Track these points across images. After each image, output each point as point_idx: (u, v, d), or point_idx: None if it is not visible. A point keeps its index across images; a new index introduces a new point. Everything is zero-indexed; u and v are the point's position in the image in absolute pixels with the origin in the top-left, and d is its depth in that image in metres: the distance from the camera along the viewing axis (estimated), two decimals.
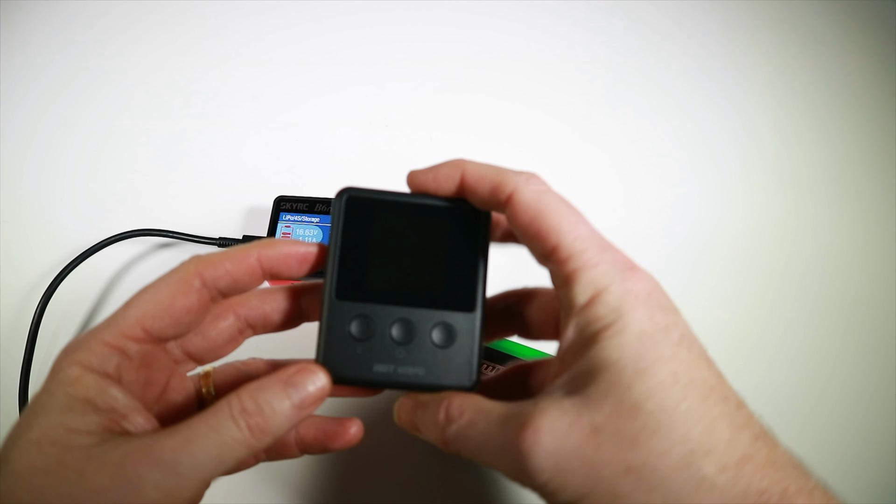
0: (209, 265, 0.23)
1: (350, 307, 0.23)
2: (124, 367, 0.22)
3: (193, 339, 0.25)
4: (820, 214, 0.46)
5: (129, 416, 0.22)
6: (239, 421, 0.21)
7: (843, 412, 0.39)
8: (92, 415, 0.21)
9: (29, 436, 0.20)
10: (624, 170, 0.47)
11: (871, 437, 0.38)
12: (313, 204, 0.40)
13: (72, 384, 0.21)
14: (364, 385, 0.23)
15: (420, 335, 0.23)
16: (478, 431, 0.21)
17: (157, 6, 0.55)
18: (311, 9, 0.55)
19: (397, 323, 0.23)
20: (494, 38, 0.54)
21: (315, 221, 0.40)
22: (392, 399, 0.25)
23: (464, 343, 0.23)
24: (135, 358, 0.23)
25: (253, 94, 0.50)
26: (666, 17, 0.55)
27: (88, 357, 0.22)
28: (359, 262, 0.23)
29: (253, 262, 0.24)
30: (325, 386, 0.23)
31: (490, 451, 0.21)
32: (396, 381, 0.23)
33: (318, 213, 0.40)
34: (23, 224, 0.44)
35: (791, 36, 0.55)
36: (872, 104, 0.51)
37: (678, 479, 0.19)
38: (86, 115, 0.49)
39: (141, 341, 0.22)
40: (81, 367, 0.21)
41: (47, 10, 0.55)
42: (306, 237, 0.39)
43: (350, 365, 0.22)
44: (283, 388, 0.22)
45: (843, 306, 0.42)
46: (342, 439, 0.26)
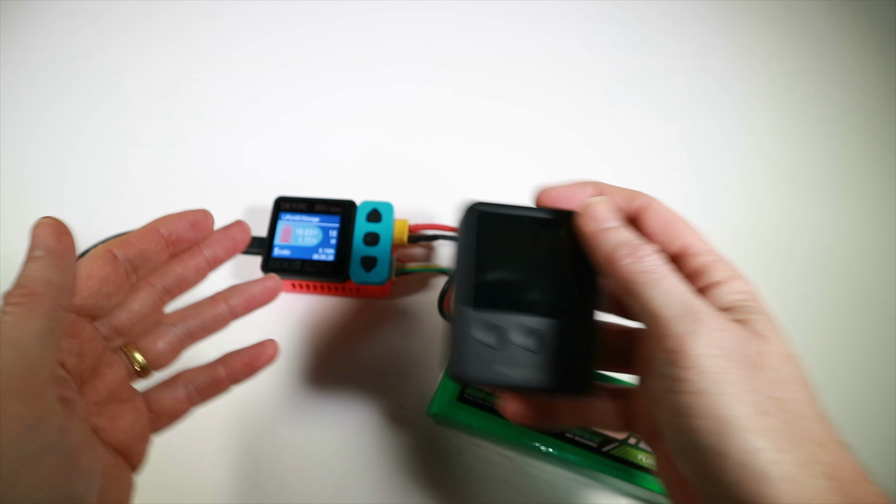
0: (118, 242, 0.27)
1: (480, 315, 0.25)
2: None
3: (119, 315, 0.27)
4: (820, 214, 0.46)
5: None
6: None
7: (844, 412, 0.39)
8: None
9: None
10: (623, 169, 0.47)
11: (872, 438, 0.38)
12: (313, 204, 0.40)
13: None
14: (488, 385, 0.27)
15: (542, 342, 0.25)
16: (664, 287, 0.23)
17: (156, 6, 0.55)
18: (311, 9, 0.55)
19: (522, 330, 0.25)
20: (494, 38, 0.54)
21: (315, 221, 0.40)
22: None
23: (578, 349, 0.25)
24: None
25: (253, 94, 0.50)
26: (666, 18, 0.55)
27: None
28: (488, 272, 0.25)
29: (155, 232, 0.28)
30: None
31: (666, 306, 0.22)
32: (517, 383, 0.24)
33: (318, 213, 0.40)
34: (23, 224, 0.44)
35: (791, 36, 0.55)
36: (873, 104, 0.51)
37: None
38: (86, 116, 0.49)
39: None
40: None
41: (47, 10, 0.55)
42: (306, 237, 0.39)
43: (479, 367, 0.24)
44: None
45: (844, 306, 0.42)
46: (263, 358, 0.30)
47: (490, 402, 0.34)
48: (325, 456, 0.37)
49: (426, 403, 0.37)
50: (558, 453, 0.33)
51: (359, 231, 0.39)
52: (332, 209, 0.40)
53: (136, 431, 0.27)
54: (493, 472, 0.36)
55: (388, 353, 0.39)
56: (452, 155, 0.48)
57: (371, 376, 0.39)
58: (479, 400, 0.34)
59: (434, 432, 0.37)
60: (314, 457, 0.37)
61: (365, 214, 0.40)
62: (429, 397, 0.37)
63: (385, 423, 0.37)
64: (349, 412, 0.38)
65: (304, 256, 0.38)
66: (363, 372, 0.39)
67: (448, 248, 0.43)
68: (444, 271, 0.41)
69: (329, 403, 0.38)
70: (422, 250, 0.43)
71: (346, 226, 0.39)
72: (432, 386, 0.37)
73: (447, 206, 0.45)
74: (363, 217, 0.40)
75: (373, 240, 0.39)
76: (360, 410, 0.38)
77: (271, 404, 0.38)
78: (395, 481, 0.36)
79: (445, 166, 0.47)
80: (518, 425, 0.27)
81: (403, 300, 0.41)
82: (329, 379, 0.39)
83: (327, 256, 0.38)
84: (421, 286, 0.42)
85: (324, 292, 0.40)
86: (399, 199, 0.44)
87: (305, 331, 0.40)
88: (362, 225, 0.39)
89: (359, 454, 0.37)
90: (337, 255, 0.38)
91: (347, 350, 0.40)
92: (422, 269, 0.41)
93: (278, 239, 0.39)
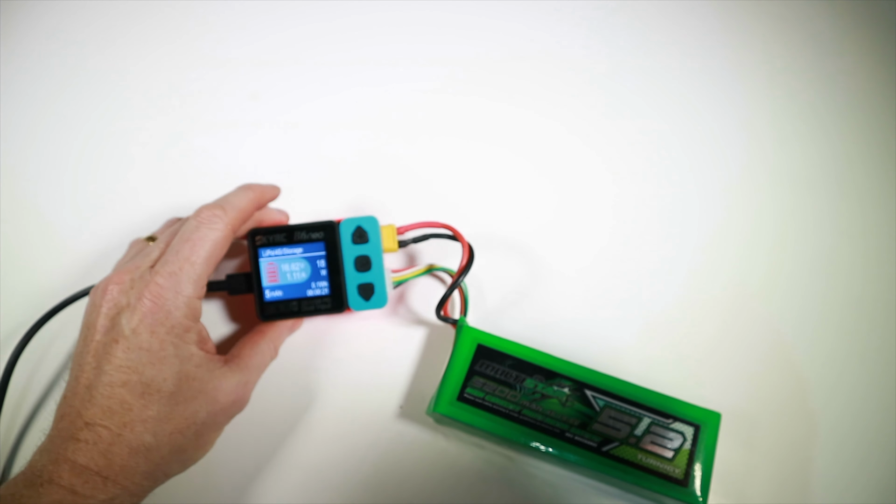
0: (239, 222, 0.34)
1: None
2: (199, 309, 0.33)
3: None
4: (821, 214, 0.46)
5: (207, 339, 0.34)
6: (270, 353, 0.36)
7: (845, 413, 0.39)
8: (203, 346, 0.33)
9: (171, 380, 0.30)
10: (623, 169, 0.47)
11: (874, 438, 0.38)
12: (291, 233, 0.36)
13: (187, 333, 0.31)
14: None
15: None
16: None
17: (156, 6, 0.55)
18: (311, 9, 0.55)
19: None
20: (494, 38, 0.54)
21: (298, 253, 0.36)
22: None
23: None
24: (201, 302, 0.33)
25: (252, 93, 0.50)
26: (666, 18, 0.55)
27: (188, 311, 0.31)
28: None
29: (253, 208, 0.36)
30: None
31: None
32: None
33: (299, 243, 0.36)
34: (23, 224, 0.44)
35: (792, 36, 0.55)
36: (873, 104, 0.51)
37: None
38: (86, 115, 0.49)
39: (204, 287, 0.33)
40: (188, 318, 0.31)
41: (47, 10, 0.55)
42: (294, 272, 0.36)
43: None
44: (288, 330, 0.38)
45: (845, 306, 0.42)
46: None
47: (490, 402, 0.34)
48: (325, 456, 0.36)
49: (426, 403, 0.37)
50: (558, 453, 0.33)
51: (347, 256, 0.36)
52: (314, 236, 0.36)
53: None
54: (493, 472, 0.36)
55: (388, 354, 0.39)
56: (452, 155, 0.48)
57: (370, 376, 0.39)
58: (479, 400, 0.34)
59: (434, 432, 0.37)
60: (314, 457, 0.37)
61: (350, 235, 0.36)
62: (429, 397, 0.37)
63: (385, 423, 0.37)
64: (349, 412, 0.38)
65: (298, 295, 0.36)
66: (363, 372, 0.39)
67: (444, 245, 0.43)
68: (443, 270, 0.41)
69: (329, 403, 0.38)
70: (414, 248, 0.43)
71: (333, 252, 0.36)
72: (432, 386, 0.37)
73: (447, 206, 0.45)
74: (348, 238, 0.36)
75: (364, 264, 0.36)
76: (360, 410, 0.38)
77: (272, 404, 0.38)
78: (394, 481, 0.36)
79: (445, 166, 0.47)
80: None
81: (403, 304, 0.41)
82: (329, 379, 0.39)
83: (322, 290, 0.36)
84: (419, 288, 0.42)
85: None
86: (398, 199, 0.44)
87: (306, 343, 0.40)
88: (350, 248, 0.36)
89: (358, 454, 0.37)
90: (331, 286, 0.36)
91: (348, 351, 0.40)
92: (418, 275, 0.41)
93: (266, 280, 0.36)
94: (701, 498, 0.32)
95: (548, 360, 0.35)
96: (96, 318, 0.31)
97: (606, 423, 0.33)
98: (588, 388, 0.34)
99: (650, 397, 0.34)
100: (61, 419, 0.29)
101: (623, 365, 0.38)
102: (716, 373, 0.39)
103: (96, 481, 0.28)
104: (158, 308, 0.30)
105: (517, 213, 0.45)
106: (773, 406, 0.38)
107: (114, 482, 0.28)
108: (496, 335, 0.36)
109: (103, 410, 0.29)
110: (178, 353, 0.31)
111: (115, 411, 0.29)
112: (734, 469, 0.36)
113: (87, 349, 0.30)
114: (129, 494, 0.29)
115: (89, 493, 0.27)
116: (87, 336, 0.31)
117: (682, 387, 0.36)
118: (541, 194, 0.46)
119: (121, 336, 0.30)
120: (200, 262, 0.32)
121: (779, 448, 0.37)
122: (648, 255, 0.44)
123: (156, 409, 0.29)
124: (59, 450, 0.28)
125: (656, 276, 0.43)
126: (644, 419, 0.34)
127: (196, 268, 0.32)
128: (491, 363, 0.35)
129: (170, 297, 0.31)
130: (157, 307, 0.30)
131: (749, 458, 0.36)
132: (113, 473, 0.28)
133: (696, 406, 0.34)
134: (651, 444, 0.33)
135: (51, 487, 0.27)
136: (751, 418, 0.37)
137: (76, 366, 0.31)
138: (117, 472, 0.28)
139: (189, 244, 0.32)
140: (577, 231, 0.44)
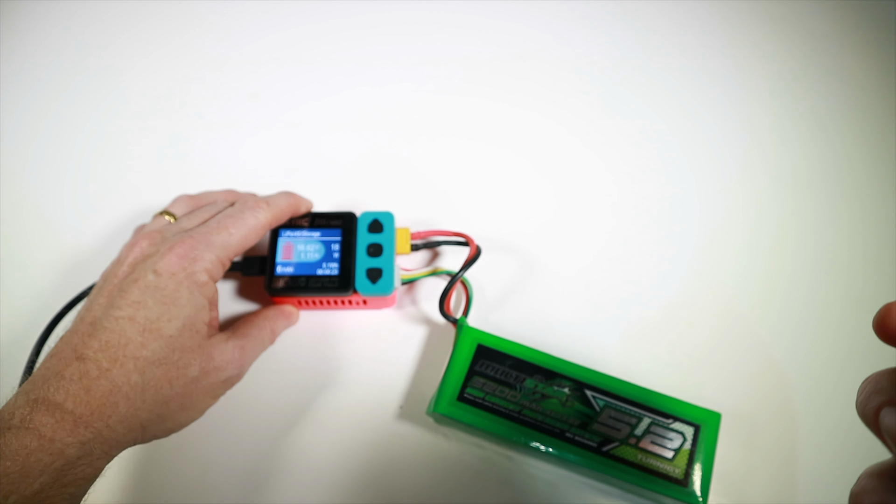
0: (276, 220, 0.37)
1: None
2: (219, 275, 0.33)
3: None
4: (821, 214, 0.46)
5: (216, 309, 0.34)
6: (268, 334, 0.37)
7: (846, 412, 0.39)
8: (211, 311, 0.33)
9: (176, 323, 0.30)
10: (623, 169, 0.47)
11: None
12: (312, 218, 0.39)
13: (203, 287, 0.32)
14: None
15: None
16: None
17: (156, 6, 0.55)
18: (311, 9, 0.55)
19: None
20: (494, 38, 0.54)
21: (316, 236, 0.39)
22: None
23: None
24: (223, 271, 0.34)
25: (252, 93, 0.50)
26: (666, 18, 0.55)
27: (211, 269, 0.32)
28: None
29: (291, 212, 0.38)
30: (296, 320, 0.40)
31: None
32: None
33: (318, 228, 0.39)
34: (23, 224, 0.44)
35: (792, 35, 0.55)
36: (873, 104, 0.51)
37: None
38: (86, 115, 0.49)
39: (230, 260, 0.34)
40: (208, 275, 0.32)
41: (47, 10, 0.55)
42: (308, 252, 0.38)
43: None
44: (285, 318, 0.39)
45: (845, 306, 0.42)
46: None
47: (490, 402, 0.34)
48: (325, 456, 0.36)
49: (426, 403, 0.37)
50: (558, 453, 0.33)
51: (361, 242, 0.39)
52: (333, 223, 0.39)
53: None
54: (493, 472, 0.36)
55: (388, 354, 0.39)
56: (452, 155, 0.48)
57: (371, 376, 0.39)
58: (479, 400, 0.34)
59: (434, 432, 0.37)
60: (314, 456, 0.37)
61: (366, 225, 0.39)
62: (429, 397, 0.37)
63: (385, 423, 0.37)
64: (348, 412, 0.38)
65: (308, 272, 0.38)
66: (363, 372, 0.39)
67: (450, 250, 0.43)
68: (449, 273, 0.41)
69: (329, 403, 0.38)
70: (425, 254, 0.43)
71: (348, 238, 0.39)
72: (432, 386, 0.37)
73: (447, 206, 0.45)
74: (364, 228, 0.39)
75: (376, 250, 0.38)
76: (360, 410, 0.38)
77: (272, 404, 0.38)
78: (394, 481, 0.36)
79: (445, 167, 0.47)
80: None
81: (404, 304, 0.41)
82: (329, 379, 0.39)
83: (332, 270, 0.38)
84: (423, 289, 0.42)
85: (330, 307, 0.40)
86: (398, 199, 0.44)
87: (307, 342, 0.40)
88: (364, 236, 0.39)
89: (358, 454, 0.37)
90: (341, 268, 0.38)
91: (348, 353, 0.40)
92: (427, 275, 0.41)
93: (280, 256, 0.38)
94: (701, 498, 0.32)
95: (548, 361, 0.35)
96: (118, 267, 0.31)
97: (606, 423, 0.33)
98: (588, 388, 0.34)
99: (650, 397, 0.34)
100: (51, 358, 0.28)
101: (623, 365, 0.38)
102: (716, 373, 0.39)
103: (67, 422, 0.26)
104: (185, 256, 0.31)
105: (517, 214, 0.45)
106: (773, 406, 0.38)
107: (86, 425, 0.26)
108: (496, 335, 0.36)
109: (101, 344, 0.28)
110: (191, 300, 0.31)
111: (111, 345, 0.28)
112: (734, 469, 0.36)
113: (101, 292, 0.31)
114: (102, 441, 0.27)
115: (57, 436, 0.25)
116: (105, 283, 0.31)
117: (682, 387, 0.36)
118: (541, 194, 0.46)
119: (141, 276, 0.30)
120: (238, 235, 0.33)
121: (779, 448, 0.37)
122: (648, 255, 0.44)
123: (152, 348, 0.29)
124: (39, 389, 0.27)
125: (656, 277, 0.43)
126: (644, 419, 0.34)
127: (232, 238, 0.33)
128: (491, 363, 0.35)
129: (199, 250, 0.32)
130: (184, 255, 0.31)
131: (749, 458, 0.36)
132: (88, 413, 0.26)
133: (696, 406, 0.34)
134: (651, 444, 0.33)
135: (17, 433, 0.25)
136: (751, 418, 0.37)
137: (84, 308, 0.31)
138: (93, 412, 0.26)
139: (231, 219, 0.34)
140: (577, 231, 0.44)
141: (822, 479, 0.36)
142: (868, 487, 0.20)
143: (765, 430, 0.37)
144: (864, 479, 0.21)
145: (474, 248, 0.39)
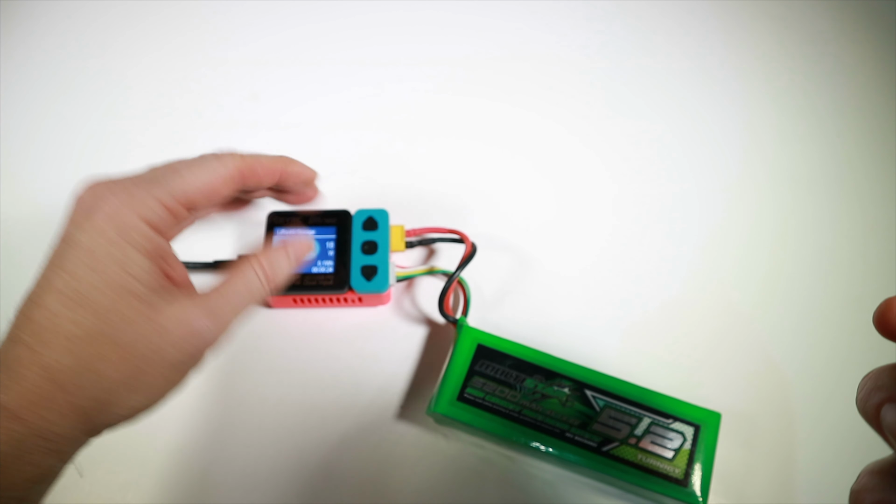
0: (250, 170, 0.30)
1: None
2: (168, 225, 0.27)
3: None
4: (821, 214, 0.46)
5: (173, 265, 0.28)
6: (259, 275, 0.28)
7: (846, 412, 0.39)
8: (160, 269, 0.26)
9: (108, 291, 0.24)
10: (623, 170, 0.47)
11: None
12: (307, 217, 0.40)
13: (143, 241, 0.25)
14: None
15: None
16: None
17: (156, 6, 0.55)
18: (311, 9, 0.55)
19: None
20: (495, 38, 0.54)
21: (310, 234, 0.39)
22: None
23: None
24: (174, 221, 0.27)
25: (252, 93, 0.50)
26: (666, 18, 0.55)
27: (152, 216, 0.26)
28: None
29: (277, 173, 0.31)
30: (312, 253, 0.32)
31: None
32: None
33: (313, 226, 0.39)
34: (23, 224, 0.44)
35: (792, 36, 0.55)
36: (873, 104, 0.51)
37: None
38: (86, 116, 0.49)
39: (185, 209, 0.27)
40: (148, 225, 0.26)
41: (47, 10, 0.55)
42: None
43: None
44: (286, 253, 0.30)
45: (845, 306, 0.42)
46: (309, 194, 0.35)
47: (490, 401, 0.34)
48: (325, 455, 0.36)
49: (426, 403, 0.37)
50: (558, 453, 0.33)
51: (356, 240, 0.39)
52: (327, 220, 0.39)
53: None
54: (493, 472, 0.36)
55: (388, 354, 0.39)
56: (452, 155, 0.48)
57: (370, 376, 0.39)
58: (479, 400, 0.34)
59: (434, 432, 0.37)
60: (314, 456, 0.37)
61: (360, 223, 0.39)
62: (429, 397, 0.37)
63: (384, 423, 0.37)
64: (348, 412, 0.38)
65: (303, 270, 0.38)
66: (362, 372, 0.39)
67: (446, 248, 0.43)
68: (446, 273, 0.41)
69: (329, 403, 0.38)
70: (420, 252, 0.43)
71: (343, 236, 0.39)
72: (432, 386, 0.37)
73: (447, 206, 0.45)
74: (359, 226, 0.39)
75: (371, 248, 0.39)
76: (360, 410, 0.38)
77: (271, 404, 0.38)
78: (394, 481, 0.36)
79: (445, 167, 0.47)
80: None
81: (403, 304, 0.41)
82: (329, 379, 0.39)
83: (326, 268, 0.38)
84: (419, 289, 0.42)
85: (325, 304, 0.40)
86: (398, 200, 0.44)
87: (307, 342, 0.40)
88: (359, 234, 0.39)
89: (358, 454, 0.37)
90: (336, 265, 0.38)
91: (348, 353, 0.40)
92: (421, 273, 0.41)
93: None
94: (701, 498, 0.32)
95: (548, 360, 0.35)
96: (63, 226, 0.26)
97: (606, 423, 0.33)
98: (588, 388, 0.34)
99: (650, 397, 0.34)
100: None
101: (623, 365, 0.38)
102: (716, 373, 0.39)
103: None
104: (118, 209, 0.25)
105: (517, 214, 0.45)
106: (773, 406, 0.38)
107: (17, 419, 0.22)
108: (496, 335, 0.36)
109: (32, 324, 0.24)
110: (126, 261, 0.25)
111: (41, 324, 0.24)
112: (734, 469, 0.36)
113: (45, 261, 0.26)
114: (39, 437, 0.23)
115: None
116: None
117: (682, 387, 0.36)
118: (541, 194, 0.46)
119: (69, 237, 0.25)
120: (191, 178, 0.27)
121: (779, 448, 0.37)
122: (648, 255, 0.44)
123: (84, 325, 0.24)
124: None
125: (656, 276, 0.43)
126: (644, 419, 0.34)
127: (183, 180, 0.27)
128: (491, 363, 0.35)
129: (138, 198, 0.26)
130: (117, 208, 0.25)
131: (749, 458, 0.36)
132: (20, 406, 0.23)
133: (696, 406, 0.34)
134: (651, 444, 0.33)
135: None
136: (751, 418, 0.37)
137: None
138: (25, 405, 0.23)
139: (185, 163, 0.28)
140: (578, 231, 0.44)
141: (822, 478, 0.36)
142: (868, 485, 0.20)
143: (764, 430, 0.37)
144: (864, 476, 0.21)
145: (469, 245, 0.39)
